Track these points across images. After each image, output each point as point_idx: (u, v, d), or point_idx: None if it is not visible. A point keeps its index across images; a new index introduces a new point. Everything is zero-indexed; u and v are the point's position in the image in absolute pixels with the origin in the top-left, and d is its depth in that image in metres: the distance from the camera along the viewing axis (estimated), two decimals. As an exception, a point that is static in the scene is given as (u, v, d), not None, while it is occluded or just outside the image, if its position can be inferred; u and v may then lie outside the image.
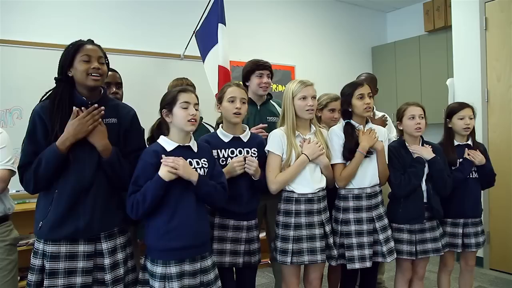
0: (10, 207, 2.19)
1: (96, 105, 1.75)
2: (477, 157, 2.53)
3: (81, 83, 1.77)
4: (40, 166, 1.68)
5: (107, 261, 1.78)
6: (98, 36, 3.30)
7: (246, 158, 2.13)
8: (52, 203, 1.72)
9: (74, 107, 1.73)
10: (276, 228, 2.25)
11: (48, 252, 1.71)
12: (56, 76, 1.80)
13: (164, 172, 1.76)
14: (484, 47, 3.82)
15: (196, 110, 1.88)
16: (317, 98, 2.33)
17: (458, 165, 2.55)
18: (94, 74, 1.75)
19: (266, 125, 2.55)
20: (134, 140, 1.92)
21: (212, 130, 2.64)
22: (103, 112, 1.75)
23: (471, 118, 2.56)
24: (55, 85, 1.80)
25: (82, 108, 1.74)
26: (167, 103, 1.88)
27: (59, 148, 1.68)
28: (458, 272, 2.76)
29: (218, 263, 2.04)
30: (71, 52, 1.76)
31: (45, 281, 1.70)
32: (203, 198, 1.87)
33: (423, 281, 2.60)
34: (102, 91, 1.86)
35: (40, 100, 1.80)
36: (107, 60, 1.85)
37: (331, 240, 2.25)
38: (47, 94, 1.80)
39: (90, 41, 1.82)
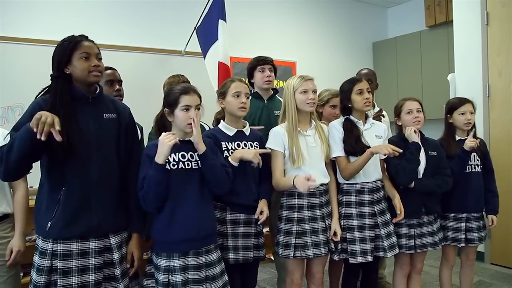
0: (12, 206, 2.19)
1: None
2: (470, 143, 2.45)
3: (82, 80, 1.75)
4: (12, 149, 1.56)
5: (116, 255, 1.79)
6: (99, 32, 3.33)
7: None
8: (60, 201, 1.70)
9: None
10: (278, 222, 2.27)
11: (60, 251, 1.70)
12: (52, 72, 1.76)
13: (157, 156, 1.76)
14: (486, 42, 3.81)
15: (198, 110, 1.89)
16: (318, 94, 2.35)
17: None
18: (95, 72, 1.75)
19: (263, 127, 2.60)
20: (132, 134, 1.95)
21: (206, 127, 2.66)
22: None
23: (471, 113, 2.56)
24: (51, 82, 1.77)
25: None
26: (169, 104, 1.90)
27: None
28: (459, 266, 2.77)
29: (234, 259, 2.09)
30: (69, 49, 1.73)
31: (58, 280, 1.69)
32: (208, 175, 1.88)
33: (420, 275, 2.61)
34: (99, 88, 1.85)
35: (36, 97, 1.77)
36: (101, 55, 1.83)
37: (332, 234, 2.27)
38: (44, 91, 1.78)
39: (85, 37, 1.79)
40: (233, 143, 2.18)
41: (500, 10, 3.73)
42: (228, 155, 2.12)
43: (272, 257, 2.67)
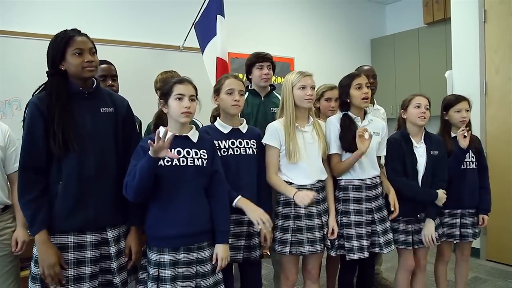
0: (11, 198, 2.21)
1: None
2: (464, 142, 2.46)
3: (76, 76, 1.76)
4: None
5: (112, 249, 1.81)
6: (98, 27, 3.33)
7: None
8: (57, 195, 1.72)
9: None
10: (275, 218, 2.27)
11: (57, 244, 1.72)
12: (47, 69, 1.77)
13: (151, 150, 1.68)
14: (483, 40, 3.83)
15: (193, 101, 1.88)
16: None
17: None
18: (89, 67, 1.75)
19: None
20: (130, 127, 1.96)
21: (200, 124, 2.64)
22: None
23: (467, 111, 2.57)
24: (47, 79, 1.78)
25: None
26: (163, 94, 1.90)
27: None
28: (454, 263, 2.78)
29: None
30: (62, 45, 1.73)
31: None
32: None
33: (425, 273, 2.61)
34: (95, 82, 1.86)
35: (33, 94, 1.78)
36: (96, 48, 1.83)
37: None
38: (40, 88, 1.79)
39: (77, 32, 1.78)
40: (227, 141, 2.14)
41: (497, 8, 3.74)
42: (221, 154, 2.08)
43: (269, 253, 2.67)
